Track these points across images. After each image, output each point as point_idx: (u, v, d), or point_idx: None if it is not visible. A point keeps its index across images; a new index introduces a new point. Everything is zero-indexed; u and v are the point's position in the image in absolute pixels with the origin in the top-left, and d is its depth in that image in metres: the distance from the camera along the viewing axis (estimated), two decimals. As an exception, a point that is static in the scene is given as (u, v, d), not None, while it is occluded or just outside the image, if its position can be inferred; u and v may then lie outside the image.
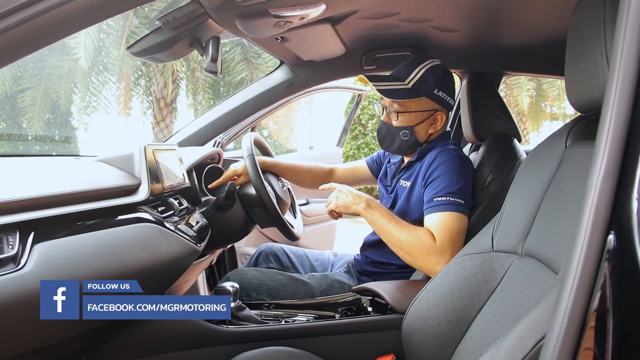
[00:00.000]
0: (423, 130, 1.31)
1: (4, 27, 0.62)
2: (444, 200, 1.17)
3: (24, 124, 5.97)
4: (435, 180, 1.21)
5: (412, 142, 1.31)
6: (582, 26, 0.72)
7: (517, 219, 0.88)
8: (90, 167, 1.03)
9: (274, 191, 1.36)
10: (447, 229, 1.14)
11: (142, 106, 7.19)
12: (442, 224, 1.14)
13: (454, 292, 0.92)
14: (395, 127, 1.30)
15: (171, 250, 0.94)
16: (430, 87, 1.27)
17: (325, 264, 1.57)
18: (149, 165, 1.02)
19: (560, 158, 0.83)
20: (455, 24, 1.34)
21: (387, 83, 1.27)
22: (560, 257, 0.71)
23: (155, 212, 1.00)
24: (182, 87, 7.15)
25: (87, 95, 6.41)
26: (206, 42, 1.06)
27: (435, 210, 1.17)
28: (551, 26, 1.25)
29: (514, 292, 0.81)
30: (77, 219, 0.79)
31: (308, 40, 1.36)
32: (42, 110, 5.89)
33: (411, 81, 1.27)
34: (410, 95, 1.26)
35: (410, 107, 1.29)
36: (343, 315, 1.15)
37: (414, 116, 1.29)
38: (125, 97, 6.55)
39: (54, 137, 6.51)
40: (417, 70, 1.27)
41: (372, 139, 7.07)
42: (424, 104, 1.29)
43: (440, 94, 1.29)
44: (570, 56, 0.77)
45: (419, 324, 0.95)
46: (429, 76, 1.27)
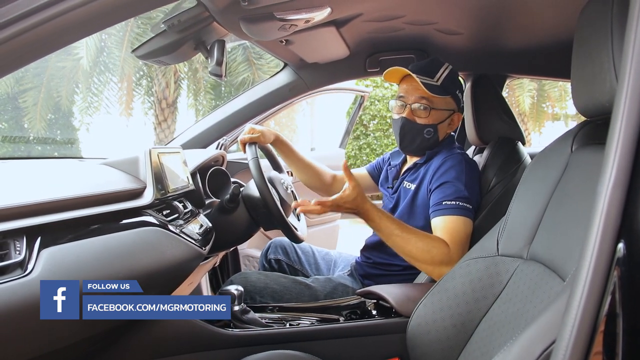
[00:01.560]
0: (443, 129, 1.32)
1: (5, 37, 0.62)
2: (453, 204, 1.17)
3: (25, 124, 5.97)
4: (445, 184, 1.20)
5: (433, 141, 1.31)
6: (588, 31, 0.72)
7: (523, 223, 0.88)
8: (95, 170, 1.03)
9: (278, 194, 1.36)
10: (459, 232, 1.14)
11: (144, 106, 7.18)
12: (453, 227, 1.14)
13: (459, 296, 0.92)
14: (419, 125, 1.29)
15: (176, 253, 0.94)
16: (454, 87, 1.29)
17: (329, 264, 1.57)
18: (154, 168, 1.02)
19: (566, 163, 0.83)
20: (459, 27, 1.34)
21: (422, 77, 1.26)
22: (566, 263, 0.71)
23: (160, 215, 1.00)
24: (183, 88, 7.15)
25: (88, 96, 6.40)
26: (211, 46, 1.07)
27: (445, 213, 1.17)
28: (556, 29, 1.26)
29: (519, 296, 0.81)
30: (83, 224, 0.79)
31: (312, 42, 1.36)
32: (44, 110, 5.89)
33: (440, 79, 1.27)
34: (440, 92, 1.27)
35: (438, 105, 1.29)
36: (347, 319, 1.15)
37: (440, 114, 1.30)
38: (127, 97, 6.55)
39: (56, 138, 6.51)
40: (442, 69, 1.28)
41: (373, 140, 7.07)
42: (448, 103, 1.30)
43: (459, 95, 1.31)
44: (576, 61, 0.77)
45: (424, 328, 0.95)
46: (452, 76, 1.29)
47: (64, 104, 6.12)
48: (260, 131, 1.38)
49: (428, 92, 1.25)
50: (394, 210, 1.34)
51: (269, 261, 1.57)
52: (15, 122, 6.46)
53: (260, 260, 1.60)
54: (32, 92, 5.81)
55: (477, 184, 1.25)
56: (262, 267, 1.58)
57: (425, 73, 1.28)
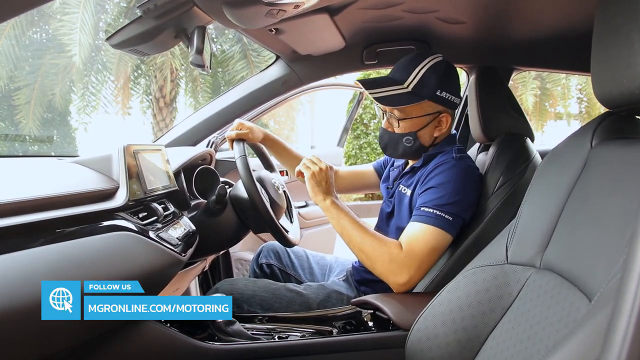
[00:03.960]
0: (427, 134, 1.21)
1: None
2: (429, 212, 1.08)
3: (21, 122, 5.90)
4: (429, 190, 1.12)
5: (416, 147, 1.22)
6: (613, 9, 0.63)
7: (535, 227, 0.78)
8: (64, 169, 0.94)
9: (268, 194, 1.27)
10: (422, 241, 1.05)
11: (142, 105, 7.12)
12: (419, 235, 1.06)
13: (464, 309, 0.83)
14: (397, 134, 1.21)
15: (150, 260, 0.85)
16: (432, 89, 1.16)
17: (324, 269, 1.48)
18: (128, 167, 0.93)
19: (585, 160, 0.74)
20: (462, 15, 1.24)
21: (384, 89, 1.16)
22: (588, 273, 0.62)
23: (136, 218, 0.91)
24: (182, 86, 7.08)
25: (86, 95, 6.34)
26: (191, 33, 0.97)
27: (418, 220, 1.08)
28: (569, 17, 1.16)
29: (532, 311, 0.72)
30: (41, 229, 0.70)
31: (305, 32, 1.27)
32: (38, 109, 5.81)
33: (411, 84, 1.16)
34: (410, 99, 1.16)
35: (412, 113, 1.18)
36: (341, 331, 1.06)
37: (417, 121, 1.19)
38: (124, 96, 6.48)
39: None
40: (417, 70, 1.16)
41: (374, 139, 6.99)
42: (427, 108, 1.19)
43: (444, 94, 1.17)
44: (598, 45, 0.68)
45: (425, 344, 0.86)
46: (430, 76, 1.16)
47: (58, 102, 6.04)
48: (249, 127, 1.29)
49: (391, 105, 1.17)
50: (390, 216, 1.26)
51: (260, 266, 1.48)
52: (10, 120, 6.38)
53: (251, 265, 1.52)
54: (25, 90, 5.73)
55: (472, 194, 1.15)
56: (253, 272, 1.49)
57: (394, 81, 1.18)
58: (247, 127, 1.29)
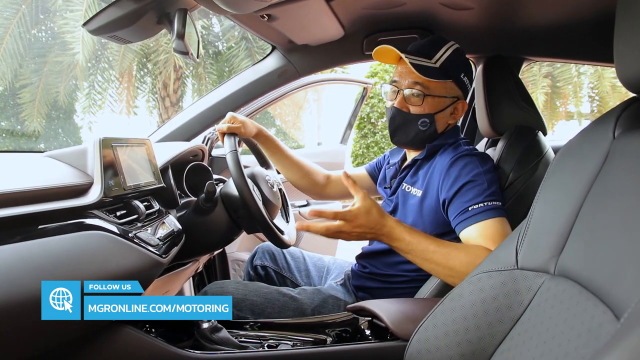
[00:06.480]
0: (443, 120, 1.14)
1: None
2: (482, 206, 0.99)
3: (26, 120, 5.91)
4: (464, 188, 1.02)
5: (429, 133, 1.13)
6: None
7: (549, 229, 0.70)
8: (35, 163, 0.88)
9: (261, 192, 1.19)
10: (498, 234, 0.95)
11: (149, 105, 7.11)
12: (493, 234, 0.96)
13: (469, 319, 0.74)
14: (413, 115, 1.12)
15: (124, 263, 0.78)
16: (458, 70, 1.11)
17: (321, 271, 1.40)
18: (105, 161, 0.86)
19: (607, 152, 0.65)
20: (468, 0, 1.15)
21: (415, 57, 1.08)
22: (612, 282, 0.53)
23: (112, 217, 0.85)
24: (188, 85, 7.06)
25: (92, 94, 6.33)
26: (172, 17, 0.90)
27: (477, 220, 0.98)
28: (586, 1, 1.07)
29: (546, 324, 0.63)
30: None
31: (300, 19, 1.19)
32: (43, 107, 5.82)
33: (439, 60, 1.10)
34: (438, 75, 1.09)
35: (436, 91, 1.11)
36: (335, 339, 0.98)
37: (438, 102, 1.12)
38: (129, 95, 6.47)
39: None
40: (444, 49, 1.11)
41: (381, 138, 6.91)
42: (449, 89, 1.12)
43: (465, 79, 1.13)
44: (622, 20, 0.59)
45: (425, 357, 0.77)
46: (456, 57, 1.11)
47: (62, 101, 6.04)
48: (241, 121, 1.22)
49: (422, 76, 1.07)
50: (392, 214, 1.17)
51: (254, 268, 1.40)
52: (16, 119, 6.40)
53: (246, 267, 1.44)
54: (30, 88, 5.74)
55: (496, 178, 1.07)
56: (247, 274, 1.42)
57: (422, 53, 1.10)
58: (239, 120, 1.21)
